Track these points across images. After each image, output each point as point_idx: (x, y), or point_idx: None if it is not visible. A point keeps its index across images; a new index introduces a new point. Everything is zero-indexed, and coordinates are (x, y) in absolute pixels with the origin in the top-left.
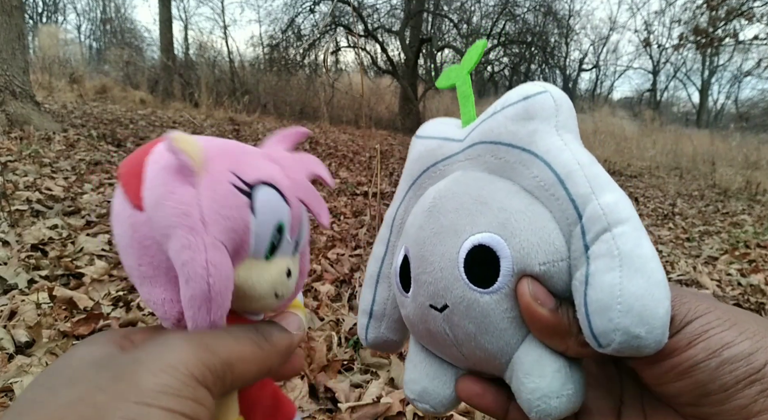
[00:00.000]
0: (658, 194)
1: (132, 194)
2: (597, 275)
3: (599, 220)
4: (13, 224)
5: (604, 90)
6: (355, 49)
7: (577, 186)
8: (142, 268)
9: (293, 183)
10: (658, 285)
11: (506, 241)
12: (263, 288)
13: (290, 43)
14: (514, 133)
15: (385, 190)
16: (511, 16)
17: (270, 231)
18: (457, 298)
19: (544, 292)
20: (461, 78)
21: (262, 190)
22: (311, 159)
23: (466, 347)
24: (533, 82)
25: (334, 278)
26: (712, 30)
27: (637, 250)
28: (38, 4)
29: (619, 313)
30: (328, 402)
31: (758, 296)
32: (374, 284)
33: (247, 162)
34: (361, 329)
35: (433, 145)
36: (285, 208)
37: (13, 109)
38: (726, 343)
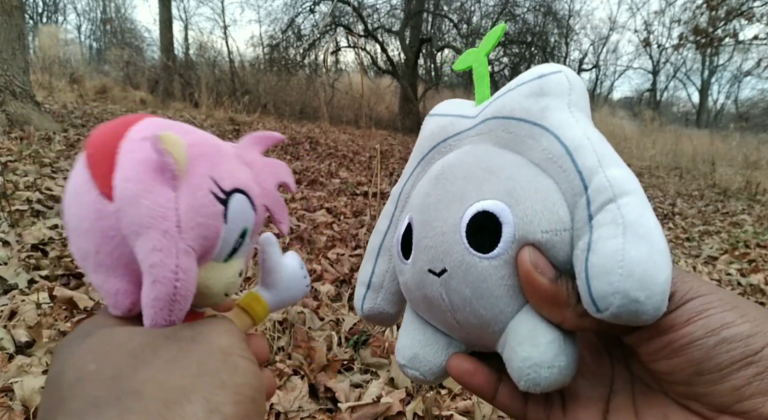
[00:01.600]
0: (658, 194)
1: (101, 180)
2: (600, 242)
3: (605, 191)
4: (13, 224)
5: (604, 90)
6: (355, 49)
7: (585, 158)
8: (100, 257)
9: (262, 190)
10: (661, 253)
11: (510, 208)
12: (218, 288)
13: (290, 43)
14: (527, 108)
15: (385, 190)
16: (511, 16)
17: (235, 237)
18: (456, 262)
19: (545, 261)
20: (478, 59)
21: (236, 199)
22: (280, 166)
23: (461, 313)
24: (549, 64)
25: (334, 278)
26: (711, 30)
27: (641, 219)
28: (38, 5)
29: (619, 277)
30: (328, 402)
31: (758, 296)
32: (375, 257)
33: (224, 166)
34: (358, 299)
35: (445, 122)
36: (252, 214)
37: (13, 109)
38: (726, 322)
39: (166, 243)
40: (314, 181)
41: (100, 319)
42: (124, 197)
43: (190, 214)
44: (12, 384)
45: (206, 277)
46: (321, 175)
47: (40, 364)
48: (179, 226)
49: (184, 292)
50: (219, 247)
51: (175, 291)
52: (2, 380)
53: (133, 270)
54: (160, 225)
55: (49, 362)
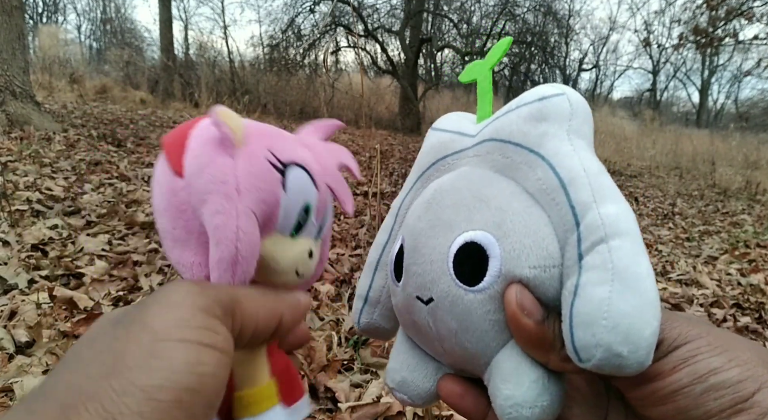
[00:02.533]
0: (658, 194)
1: (174, 162)
2: (587, 287)
3: (597, 229)
4: (13, 224)
5: (604, 90)
6: (355, 49)
7: (579, 193)
8: (176, 232)
9: (323, 169)
10: (649, 305)
11: (498, 240)
12: (286, 263)
13: (290, 43)
14: (525, 133)
15: (385, 190)
16: (511, 16)
17: (297, 209)
18: (442, 292)
19: (532, 302)
20: (483, 73)
21: (294, 171)
22: (342, 150)
23: (448, 343)
24: (552, 84)
25: (334, 278)
26: (711, 30)
27: (632, 267)
28: (38, 4)
29: (603, 329)
30: (328, 402)
31: (758, 296)
32: (373, 271)
33: (282, 143)
34: (355, 313)
35: (446, 139)
36: (313, 190)
37: (13, 109)
38: (713, 368)
39: (227, 205)
40: None
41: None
42: (191, 171)
43: (249, 179)
44: (12, 384)
45: (273, 250)
46: None
47: (40, 364)
48: (238, 189)
49: (246, 253)
50: (281, 216)
51: (237, 251)
52: (2, 380)
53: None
54: (221, 189)
55: (50, 363)
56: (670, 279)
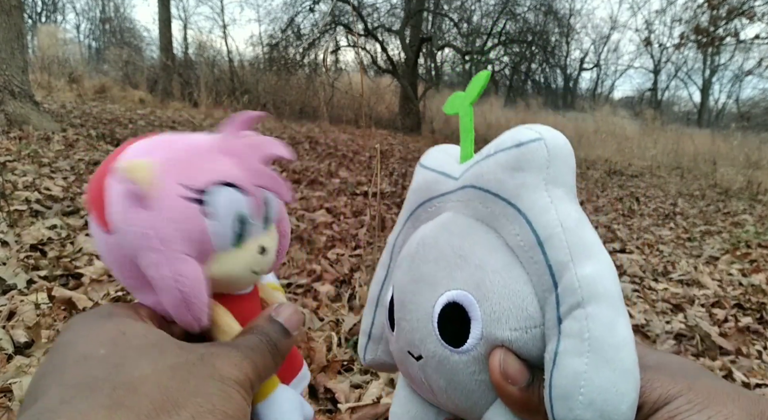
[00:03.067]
0: (659, 194)
1: (99, 219)
2: (564, 357)
3: (574, 292)
4: (12, 224)
5: (605, 89)
6: (355, 49)
7: (556, 251)
8: (127, 281)
9: (249, 172)
10: (626, 376)
11: (479, 302)
12: (239, 272)
13: (290, 43)
14: (502, 182)
15: (385, 190)
16: (511, 15)
17: (229, 225)
18: (430, 352)
19: (516, 368)
20: (464, 109)
21: (214, 193)
22: (266, 141)
23: (440, 397)
24: (530, 126)
25: (333, 278)
26: (713, 29)
27: (608, 337)
28: (37, 4)
29: (580, 405)
30: (328, 402)
31: (759, 296)
32: (374, 306)
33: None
34: (360, 349)
35: (431, 179)
36: (242, 199)
37: (12, 109)
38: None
39: (157, 257)
40: (314, 181)
41: (126, 308)
42: (115, 228)
43: (169, 225)
44: (11, 384)
45: (222, 268)
46: (321, 175)
47: (39, 365)
48: (161, 239)
49: (191, 292)
50: (214, 240)
51: (183, 295)
52: (1, 381)
53: None
54: (145, 244)
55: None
56: (671, 279)
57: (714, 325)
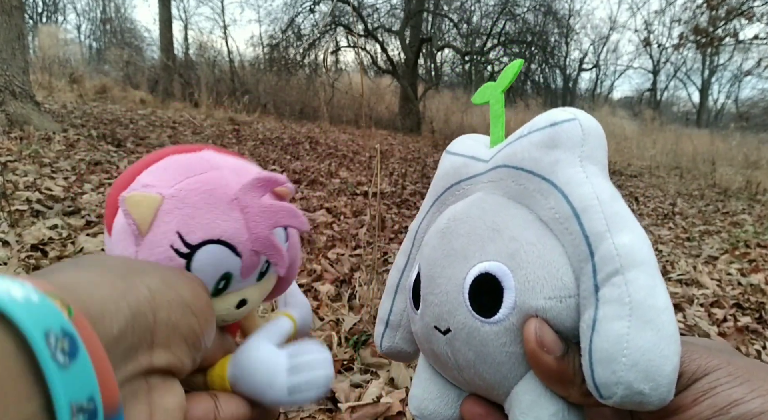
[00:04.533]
0: (658, 194)
1: (107, 224)
2: (604, 322)
3: (612, 260)
4: (13, 224)
5: (604, 89)
6: (355, 49)
7: (593, 222)
8: None
9: (251, 235)
10: (668, 340)
11: (513, 272)
12: None
13: (290, 43)
14: (537, 160)
15: (385, 190)
16: (511, 16)
17: (212, 281)
18: (459, 323)
19: (552, 337)
20: (495, 96)
21: (204, 251)
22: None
23: (467, 373)
24: (564, 108)
25: (334, 278)
26: (712, 29)
27: (649, 300)
28: (38, 4)
29: (623, 366)
30: (328, 402)
31: (758, 296)
32: (393, 294)
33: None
34: (377, 337)
35: (459, 163)
36: (234, 260)
37: (13, 109)
38: (734, 400)
39: None
40: (314, 181)
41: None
42: (108, 248)
43: None
44: None
45: None
46: (321, 175)
47: None
48: None
49: None
50: None
51: None
52: None
53: None
54: None
55: None
56: (670, 279)
57: (713, 324)
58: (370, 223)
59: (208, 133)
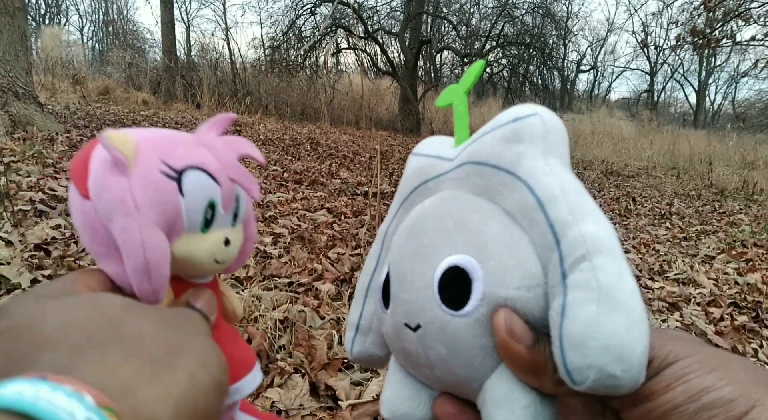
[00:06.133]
0: (655, 194)
1: (80, 186)
2: (574, 307)
3: (579, 246)
4: (16, 224)
5: (601, 91)
6: (356, 51)
7: (558, 211)
8: (96, 247)
9: (222, 164)
10: (638, 322)
11: (480, 263)
12: (201, 256)
13: (291, 45)
14: (501, 154)
15: (385, 190)
16: (509, 18)
17: (201, 208)
18: (430, 318)
19: (521, 326)
20: (458, 98)
21: (190, 174)
22: (240, 141)
23: (438, 369)
24: (525, 105)
25: (334, 277)
26: (709, 31)
27: (617, 285)
28: (41, 6)
29: (594, 350)
30: (329, 400)
31: (755, 295)
32: (363, 298)
33: (176, 151)
34: (348, 342)
35: (425, 163)
36: (215, 187)
37: (16, 110)
38: (705, 387)
39: (129, 223)
40: (315, 182)
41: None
42: (94, 194)
43: (145, 194)
44: None
45: (186, 248)
46: (321, 176)
47: None
48: (136, 206)
49: (154, 260)
50: (185, 218)
51: (146, 262)
52: None
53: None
54: (120, 209)
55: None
56: (667, 278)
57: (710, 323)
58: (371, 223)
59: None
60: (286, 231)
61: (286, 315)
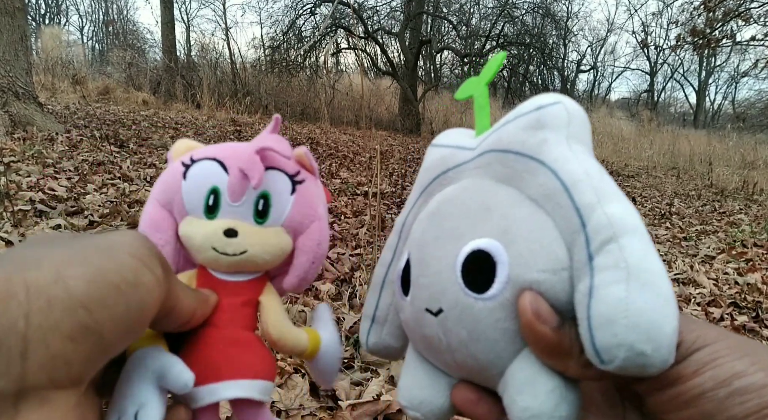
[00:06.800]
0: (655, 194)
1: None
2: (602, 288)
3: (605, 229)
4: (16, 224)
5: (601, 91)
6: (356, 51)
7: (583, 195)
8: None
9: (237, 157)
10: (667, 301)
11: (505, 247)
12: (198, 240)
13: (291, 45)
14: (524, 141)
15: (385, 191)
16: (509, 18)
17: (202, 193)
18: (451, 302)
19: (547, 308)
20: (479, 89)
21: (201, 164)
22: (265, 137)
23: (459, 355)
24: (548, 93)
25: (334, 277)
26: (709, 31)
27: (645, 264)
28: (41, 6)
29: (624, 328)
30: (329, 400)
31: (755, 295)
32: (379, 289)
33: (211, 149)
34: (363, 333)
35: (446, 153)
36: (222, 175)
37: (16, 110)
38: (736, 372)
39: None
40: None
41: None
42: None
43: (162, 177)
44: None
45: (187, 230)
46: (321, 175)
47: None
48: (155, 187)
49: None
50: (185, 200)
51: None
52: None
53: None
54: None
55: None
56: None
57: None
58: (371, 223)
59: (210, 134)
60: None
61: None
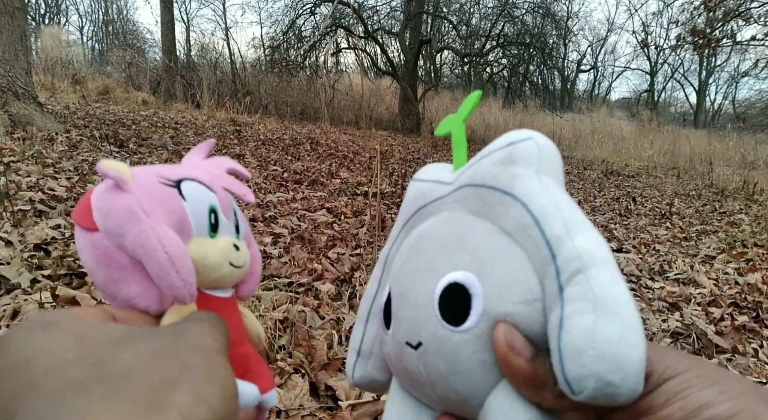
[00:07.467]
0: (655, 194)
1: (85, 222)
2: (571, 318)
3: (574, 260)
4: (16, 224)
5: (602, 91)
6: (356, 51)
7: (552, 227)
8: (114, 275)
9: (213, 177)
10: (632, 330)
11: (480, 279)
12: (216, 257)
13: (291, 45)
14: (496, 176)
15: (385, 190)
16: (509, 18)
17: (204, 212)
18: (430, 335)
19: (521, 340)
20: (456, 126)
21: (187, 183)
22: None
23: (440, 388)
24: (520, 130)
25: (334, 277)
26: (709, 31)
27: (612, 295)
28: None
29: (592, 358)
30: (329, 400)
31: (755, 295)
32: (364, 322)
33: (169, 170)
34: (349, 367)
35: (425, 188)
36: (211, 194)
37: (15, 110)
38: (704, 402)
39: (142, 226)
40: (315, 182)
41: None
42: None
43: (151, 200)
44: None
45: (199, 251)
46: (321, 175)
47: None
48: (145, 212)
49: (175, 252)
50: (192, 221)
51: (168, 254)
52: None
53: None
54: (131, 218)
55: None
56: (667, 278)
57: (710, 323)
58: (371, 223)
59: (210, 134)
60: (286, 231)
61: (286, 315)
